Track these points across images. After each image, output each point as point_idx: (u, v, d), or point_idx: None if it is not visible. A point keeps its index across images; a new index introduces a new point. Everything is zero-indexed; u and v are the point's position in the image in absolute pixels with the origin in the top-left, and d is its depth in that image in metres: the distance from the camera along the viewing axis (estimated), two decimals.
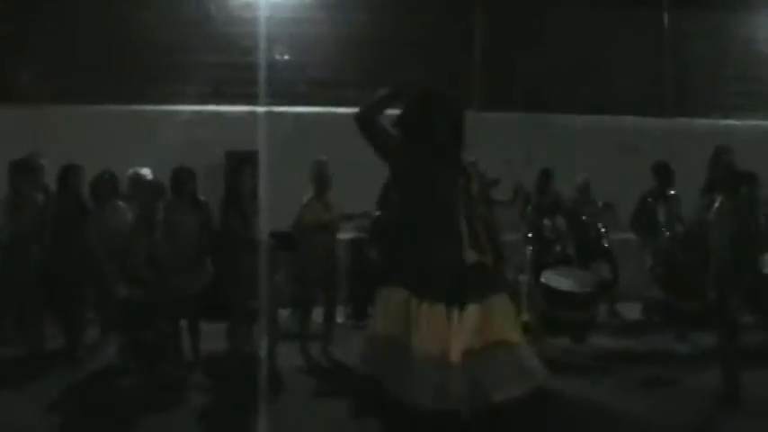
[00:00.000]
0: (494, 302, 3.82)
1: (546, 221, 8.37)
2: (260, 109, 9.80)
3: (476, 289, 3.78)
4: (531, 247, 8.39)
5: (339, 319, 8.42)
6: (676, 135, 11.06)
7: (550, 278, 7.67)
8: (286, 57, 11.15)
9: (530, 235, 8.46)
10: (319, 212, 7.69)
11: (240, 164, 7.59)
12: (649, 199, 8.54)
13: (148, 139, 9.44)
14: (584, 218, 9.01)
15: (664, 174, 8.60)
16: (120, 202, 7.72)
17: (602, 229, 9.14)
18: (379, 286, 3.97)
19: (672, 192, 8.47)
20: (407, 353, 3.70)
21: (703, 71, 12.44)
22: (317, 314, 7.94)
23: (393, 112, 3.92)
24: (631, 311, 9.15)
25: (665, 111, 12.07)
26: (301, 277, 7.87)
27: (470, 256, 3.82)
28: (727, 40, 12.53)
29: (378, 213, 7.93)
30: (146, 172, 7.98)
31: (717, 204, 6.42)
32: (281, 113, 10.16)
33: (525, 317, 8.03)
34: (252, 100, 10.15)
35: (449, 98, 4.04)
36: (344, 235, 8.79)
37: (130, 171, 8.02)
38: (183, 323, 7.37)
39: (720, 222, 6.29)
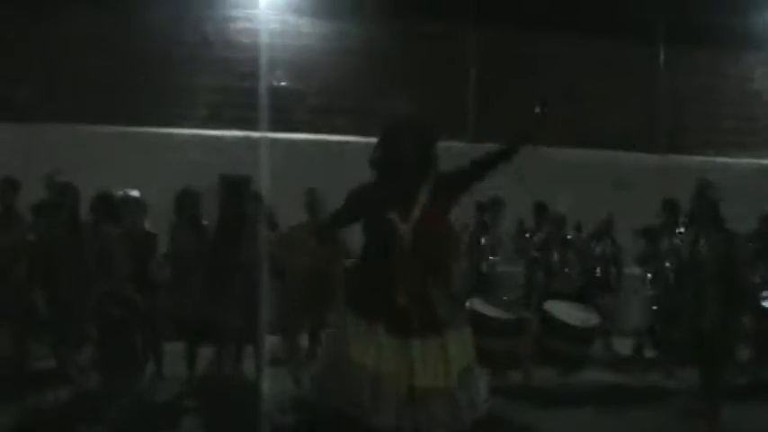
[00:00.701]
0: (431, 344, 3.84)
1: (554, 253, 8.39)
2: (257, 134, 9.84)
3: (418, 326, 3.83)
4: (535, 278, 8.44)
5: None
6: (670, 171, 11.14)
7: (554, 308, 7.64)
8: (284, 83, 11.22)
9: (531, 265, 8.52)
10: (306, 239, 7.59)
11: (233, 189, 7.58)
12: (656, 234, 8.55)
13: (146, 161, 9.50)
14: (594, 252, 9.01)
15: (671, 211, 8.63)
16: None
17: (610, 264, 9.13)
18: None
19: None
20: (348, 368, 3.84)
21: (697, 108, 12.54)
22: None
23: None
24: (626, 346, 9.13)
25: (659, 146, 12.15)
26: (287, 302, 7.78)
27: (404, 294, 3.84)
28: (722, 77, 12.66)
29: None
30: (134, 193, 7.98)
31: (702, 240, 6.46)
32: (278, 139, 10.20)
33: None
34: (250, 125, 10.21)
35: (408, 128, 4.07)
36: None
37: (119, 192, 8.03)
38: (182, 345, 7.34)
39: (707, 257, 6.33)
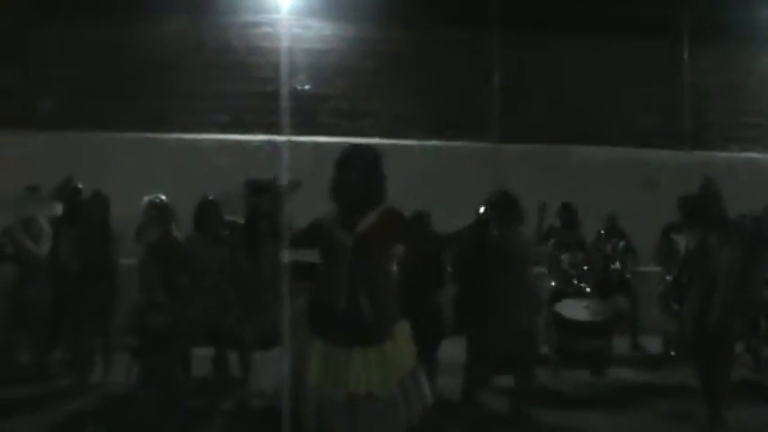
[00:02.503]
0: (370, 353, 4.01)
1: (564, 256, 8.38)
2: (281, 138, 9.87)
3: (357, 337, 4.01)
4: (551, 282, 8.44)
5: None
6: (695, 168, 11.04)
7: (563, 308, 7.73)
8: (306, 87, 11.25)
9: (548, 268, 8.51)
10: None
11: (259, 192, 7.55)
12: (672, 233, 8.52)
13: (169, 167, 9.55)
14: (607, 251, 9.02)
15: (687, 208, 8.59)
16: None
17: (623, 263, 9.13)
18: None
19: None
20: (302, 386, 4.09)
21: (722, 104, 12.44)
22: None
23: None
24: (656, 345, 9.11)
25: (685, 143, 12.07)
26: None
27: (343, 307, 4.04)
28: (746, 73, 12.55)
29: None
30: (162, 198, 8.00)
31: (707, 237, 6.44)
32: (301, 143, 10.23)
33: (544, 349, 8.06)
34: (273, 129, 10.24)
35: (355, 152, 4.27)
36: None
37: (146, 198, 8.06)
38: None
39: (712, 255, 6.31)
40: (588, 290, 8.34)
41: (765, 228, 6.74)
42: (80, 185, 8.13)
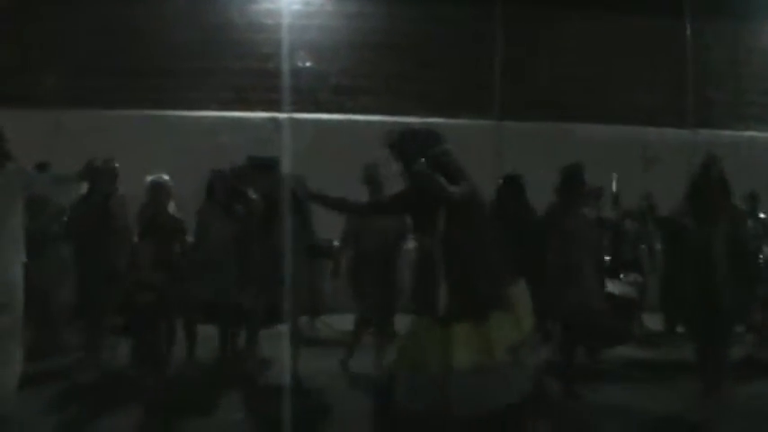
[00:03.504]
0: (478, 327, 3.97)
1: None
2: (282, 115, 9.86)
3: (463, 314, 3.98)
4: None
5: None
6: (698, 146, 11.02)
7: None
8: (308, 64, 11.21)
9: None
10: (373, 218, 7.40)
11: (262, 169, 7.51)
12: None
13: (172, 144, 9.53)
14: (624, 228, 9.01)
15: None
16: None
17: (637, 241, 9.13)
18: None
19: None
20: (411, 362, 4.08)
21: (725, 82, 12.39)
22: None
23: None
24: (658, 322, 9.14)
25: (687, 122, 12.03)
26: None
27: (452, 292, 4.00)
28: (749, 51, 12.49)
29: None
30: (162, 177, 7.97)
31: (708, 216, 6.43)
32: (302, 120, 10.22)
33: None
34: (274, 106, 10.22)
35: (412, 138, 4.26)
36: None
37: (149, 177, 8.02)
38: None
39: (713, 234, 6.31)
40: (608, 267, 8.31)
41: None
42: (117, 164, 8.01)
